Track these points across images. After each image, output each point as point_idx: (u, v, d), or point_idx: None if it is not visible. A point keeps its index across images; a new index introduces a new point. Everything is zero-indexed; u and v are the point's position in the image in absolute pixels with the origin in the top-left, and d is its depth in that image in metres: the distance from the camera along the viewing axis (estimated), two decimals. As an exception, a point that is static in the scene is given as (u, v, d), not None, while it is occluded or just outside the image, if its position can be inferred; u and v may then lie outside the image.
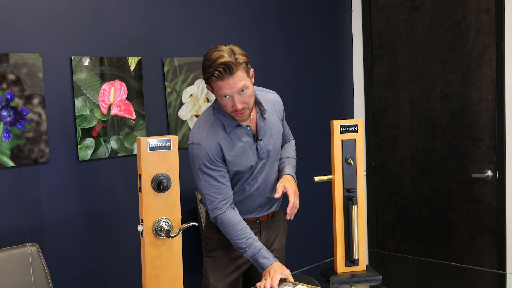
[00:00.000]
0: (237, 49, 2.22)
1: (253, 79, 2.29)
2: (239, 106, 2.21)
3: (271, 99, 2.49)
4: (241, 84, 2.19)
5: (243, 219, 2.38)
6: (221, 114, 2.32)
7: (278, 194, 2.35)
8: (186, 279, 2.19)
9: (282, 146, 2.62)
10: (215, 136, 2.29)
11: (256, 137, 2.37)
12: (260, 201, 2.45)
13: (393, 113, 3.70)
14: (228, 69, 2.15)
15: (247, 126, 2.34)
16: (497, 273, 2.91)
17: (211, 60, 2.18)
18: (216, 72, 2.15)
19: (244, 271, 2.56)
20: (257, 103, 2.38)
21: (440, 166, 3.51)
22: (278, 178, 2.48)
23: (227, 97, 2.20)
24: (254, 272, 2.54)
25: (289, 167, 2.52)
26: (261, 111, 2.38)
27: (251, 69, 2.28)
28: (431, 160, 3.55)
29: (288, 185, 2.39)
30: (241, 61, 2.19)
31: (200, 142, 2.28)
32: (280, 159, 2.55)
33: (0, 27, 2.44)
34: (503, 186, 3.27)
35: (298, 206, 2.39)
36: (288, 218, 2.39)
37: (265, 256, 2.27)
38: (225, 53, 2.17)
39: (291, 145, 2.67)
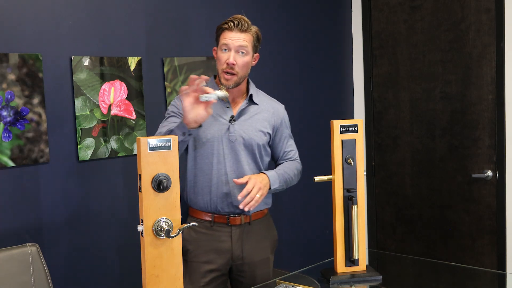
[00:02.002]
0: (256, 27, 2.39)
1: (254, 62, 2.43)
2: (232, 60, 2.30)
3: (273, 104, 2.55)
4: (244, 43, 2.33)
5: (214, 214, 2.37)
6: (212, 83, 2.43)
7: (237, 180, 2.29)
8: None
9: (281, 162, 2.54)
10: None
11: (232, 118, 2.40)
12: (227, 189, 2.37)
13: (393, 113, 3.70)
14: (240, 24, 2.32)
15: (228, 106, 2.40)
16: (497, 273, 2.91)
17: (228, 18, 2.35)
18: (230, 23, 2.32)
19: (230, 279, 2.49)
20: (249, 93, 2.45)
21: (440, 166, 3.51)
22: None
23: (226, 50, 2.33)
24: (236, 282, 2.49)
25: (271, 171, 2.43)
26: (247, 99, 2.44)
27: (257, 53, 2.43)
28: (431, 160, 3.55)
29: (254, 176, 2.32)
30: (253, 30, 2.36)
31: (179, 96, 2.40)
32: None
33: (0, 27, 2.44)
34: (503, 186, 3.27)
35: (256, 197, 2.26)
36: (241, 206, 2.26)
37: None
38: (243, 16, 2.36)
39: (291, 164, 2.54)
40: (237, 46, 2.32)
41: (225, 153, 2.38)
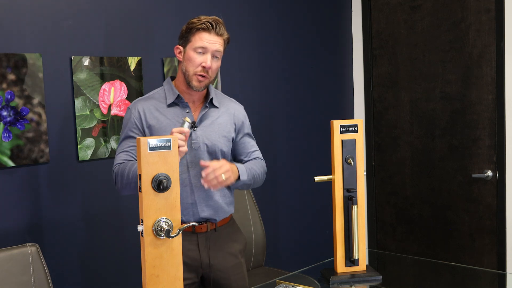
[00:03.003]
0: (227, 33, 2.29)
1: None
2: (209, 64, 2.20)
3: (232, 105, 2.42)
4: (220, 48, 2.24)
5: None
6: (168, 85, 2.30)
7: (204, 162, 2.17)
8: (186, 279, 2.19)
9: (246, 162, 2.43)
10: (145, 103, 2.27)
11: (194, 124, 2.27)
12: (192, 199, 2.27)
13: (393, 113, 3.70)
14: (218, 26, 2.22)
15: (188, 110, 2.27)
16: (497, 273, 2.91)
17: (201, 18, 2.23)
18: (207, 23, 2.20)
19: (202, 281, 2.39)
20: (210, 97, 2.32)
21: (440, 166, 3.52)
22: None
23: (201, 52, 2.21)
24: (216, 286, 2.38)
25: (240, 164, 2.33)
26: (207, 102, 2.31)
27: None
28: (431, 160, 3.55)
29: (220, 161, 2.21)
30: (226, 36, 2.27)
31: (130, 107, 2.30)
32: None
33: (0, 27, 2.44)
34: (503, 186, 3.27)
35: (220, 179, 2.15)
36: (202, 182, 2.16)
37: None
38: (220, 19, 2.26)
39: (257, 162, 2.43)
40: (214, 50, 2.22)
41: (188, 162, 2.26)
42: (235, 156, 2.44)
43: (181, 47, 2.27)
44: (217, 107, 2.34)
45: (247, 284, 2.43)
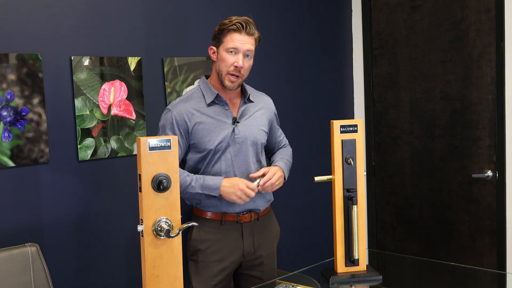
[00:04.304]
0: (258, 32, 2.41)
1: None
2: (241, 64, 2.30)
3: (264, 98, 2.58)
4: (251, 47, 2.34)
5: (224, 213, 2.39)
6: (205, 84, 2.41)
7: (253, 174, 2.37)
8: (186, 279, 2.19)
9: (276, 151, 2.62)
10: (185, 105, 2.39)
11: (235, 120, 2.39)
12: None
13: (393, 113, 3.70)
14: (248, 26, 2.31)
15: (227, 108, 2.39)
16: (497, 273, 2.91)
17: (232, 19, 2.33)
18: (237, 24, 2.29)
19: (234, 274, 2.52)
20: (243, 91, 2.46)
21: (440, 166, 3.52)
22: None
23: (233, 52, 2.31)
24: (245, 276, 2.52)
25: (281, 162, 2.52)
26: (245, 98, 2.46)
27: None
28: (431, 160, 3.55)
29: (272, 168, 2.41)
30: (257, 35, 2.37)
31: (170, 108, 2.40)
32: (273, 160, 2.56)
33: (0, 27, 2.44)
34: (503, 186, 3.27)
35: (273, 184, 2.38)
36: (256, 184, 2.35)
37: (212, 178, 2.32)
38: (250, 19, 2.36)
39: (287, 151, 2.66)
40: (245, 50, 2.33)
41: (232, 156, 2.40)
42: (267, 145, 2.60)
43: (214, 48, 2.39)
44: (253, 102, 2.49)
45: (275, 275, 2.53)
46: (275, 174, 2.39)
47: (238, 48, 2.31)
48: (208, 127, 2.36)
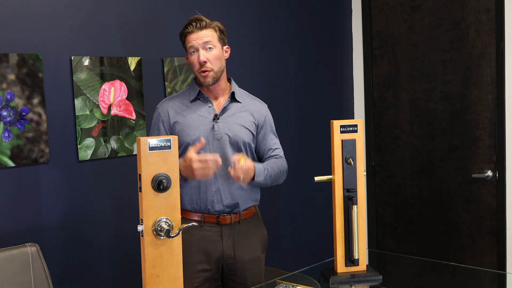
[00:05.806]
0: (217, 22, 2.42)
1: (226, 54, 2.45)
2: (203, 58, 2.34)
3: (256, 102, 2.54)
4: (209, 38, 2.36)
5: (204, 213, 2.37)
6: (192, 82, 2.49)
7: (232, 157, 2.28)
8: (186, 279, 2.18)
9: (266, 159, 2.50)
10: (170, 102, 2.45)
11: (216, 117, 2.39)
12: (216, 187, 2.37)
13: (393, 113, 3.70)
14: (199, 23, 2.36)
15: (210, 105, 2.42)
16: (497, 273, 2.91)
17: (188, 21, 2.40)
18: (188, 27, 2.37)
19: (222, 279, 2.48)
20: (232, 91, 2.46)
21: (440, 166, 3.51)
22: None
23: (194, 52, 2.37)
24: (228, 281, 2.46)
25: (260, 164, 2.40)
26: (230, 97, 2.45)
27: (227, 46, 2.45)
28: (431, 160, 3.55)
29: (246, 163, 2.28)
30: (214, 25, 2.39)
31: (158, 106, 2.48)
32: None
33: (0, 27, 2.44)
34: (503, 186, 3.27)
35: (239, 175, 2.25)
36: (229, 170, 2.25)
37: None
38: (199, 15, 2.41)
39: (278, 162, 2.49)
40: (203, 44, 2.36)
41: (211, 152, 2.35)
42: (257, 153, 2.53)
43: (187, 56, 2.45)
44: (239, 102, 2.47)
45: (262, 280, 2.48)
46: (246, 163, 2.27)
47: (195, 46, 2.36)
48: (188, 121, 2.38)
